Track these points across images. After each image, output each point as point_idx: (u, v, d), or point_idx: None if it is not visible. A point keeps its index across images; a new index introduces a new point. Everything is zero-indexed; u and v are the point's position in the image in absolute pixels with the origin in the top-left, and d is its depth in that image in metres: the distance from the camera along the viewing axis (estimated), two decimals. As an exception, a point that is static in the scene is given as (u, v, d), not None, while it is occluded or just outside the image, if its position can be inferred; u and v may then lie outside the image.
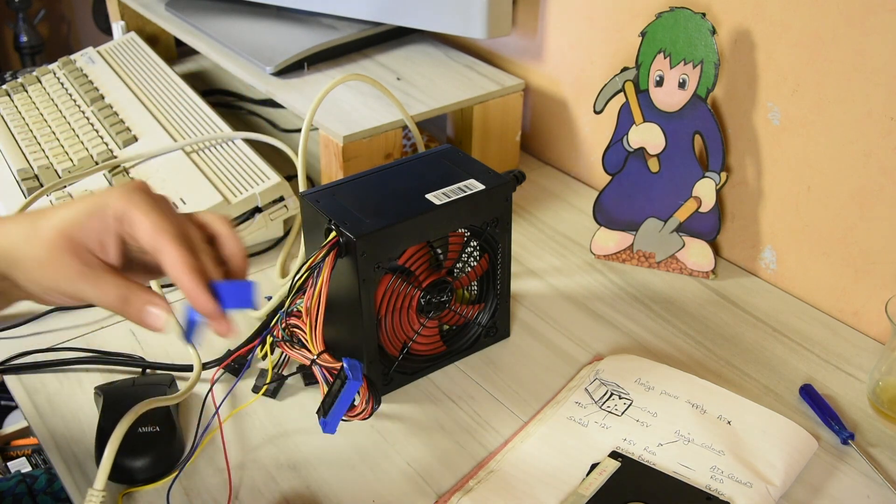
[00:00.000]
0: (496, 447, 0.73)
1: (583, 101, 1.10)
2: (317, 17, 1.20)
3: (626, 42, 1.00)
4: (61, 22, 2.63)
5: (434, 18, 1.08)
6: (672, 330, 0.87)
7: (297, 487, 0.70)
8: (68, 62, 1.25)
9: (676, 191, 0.93)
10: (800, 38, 0.84)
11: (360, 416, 0.67)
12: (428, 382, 0.81)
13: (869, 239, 0.84)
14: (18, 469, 1.27)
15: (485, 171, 0.79)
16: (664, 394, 0.77)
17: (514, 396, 0.79)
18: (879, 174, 0.81)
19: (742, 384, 0.80)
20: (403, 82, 1.09)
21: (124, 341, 0.85)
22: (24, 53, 2.42)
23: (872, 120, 0.80)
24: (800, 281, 0.92)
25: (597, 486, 0.68)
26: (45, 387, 0.80)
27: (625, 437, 0.73)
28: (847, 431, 0.74)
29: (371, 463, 0.72)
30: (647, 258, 0.96)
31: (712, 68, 0.87)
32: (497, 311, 0.83)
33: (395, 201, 0.75)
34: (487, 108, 1.07)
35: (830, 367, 0.83)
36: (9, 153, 1.06)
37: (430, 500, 0.69)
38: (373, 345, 0.75)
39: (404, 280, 0.76)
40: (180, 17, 1.27)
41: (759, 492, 0.67)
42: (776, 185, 0.91)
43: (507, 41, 1.17)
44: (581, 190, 1.11)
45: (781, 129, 0.88)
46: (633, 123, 0.92)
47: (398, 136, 1.00)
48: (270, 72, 1.10)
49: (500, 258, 0.81)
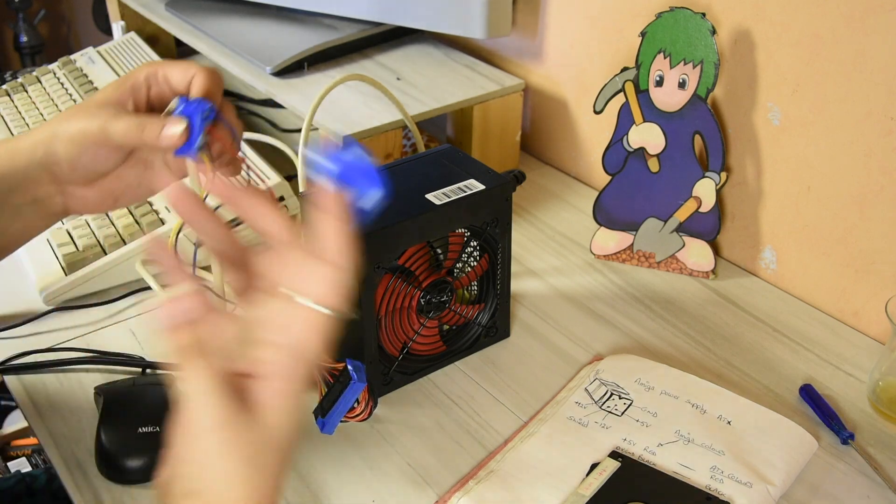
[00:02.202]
0: (496, 447, 0.73)
1: (583, 101, 1.10)
2: (317, 17, 1.20)
3: (626, 42, 1.00)
4: (61, 22, 2.63)
5: (434, 18, 1.08)
6: (672, 330, 0.87)
7: (297, 487, 0.70)
8: (68, 62, 1.25)
9: (676, 191, 0.93)
10: (800, 38, 0.84)
11: (358, 418, 0.67)
12: (428, 382, 0.81)
13: (869, 239, 0.84)
14: (18, 469, 1.27)
15: (485, 171, 0.79)
16: (664, 394, 0.77)
17: (514, 396, 0.79)
18: (879, 174, 0.81)
19: (742, 384, 0.80)
20: (403, 82, 1.09)
21: (124, 341, 0.85)
22: (24, 53, 2.42)
23: (872, 120, 0.80)
24: (800, 281, 0.92)
25: (597, 486, 0.68)
26: (45, 387, 0.80)
27: (625, 437, 0.73)
28: (847, 431, 0.74)
29: (371, 463, 0.72)
30: (647, 258, 0.96)
31: (712, 68, 0.87)
32: (497, 311, 0.83)
33: (394, 201, 0.75)
34: (487, 108, 1.07)
35: (830, 367, 0.83)
36: (9, 153, 1.06)
37: (430, 501, 0.69)
38: (373, 345, 0.75)
39: (404, 280, 0.76)
40: (180, 17, 1.27)
41: (759, 492, 0.67)
42: (776, 185, 0.91)
43: (507, 41, 1.17)
44: (581, 190, 1.11)
45: (781, 129, 0.88)
46: (633, 123, 0.92)
47: (398, 136, 1.00)
48: (270, 72, 1.10)
49: (500, 258, 0.81)
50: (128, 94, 0.64)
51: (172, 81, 0.64)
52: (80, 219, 0.95)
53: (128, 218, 0.94)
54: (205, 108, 0.61)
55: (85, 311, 0.89)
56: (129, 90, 0.64)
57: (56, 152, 0.63)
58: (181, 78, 0.64)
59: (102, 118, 0.62)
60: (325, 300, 0.47)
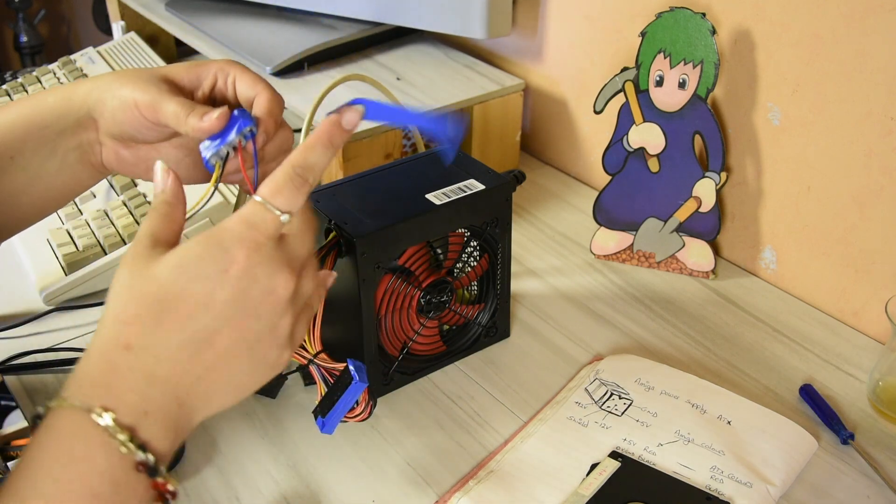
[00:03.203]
0: (496, 447, 0.73)
1: (583, 101, 1.10)
2: (317, 17, 1.20)
3: (626, 42, 1.00)
4: (61, 22, 2.63)
5: (434, 18, 1.08)
6: (672, 330, 0.87)
7: (297, 487, 0.70)
8: (68, 62, 1.25)
9: (676, 191, 0.93)
10: (800, 38, 0.84)
11: (358, 418, 0.67)
12: (428, 382, 0.81)
13: (869, 239, 0.84)
14: (18, 469, 1.26)
15: (485, 171, 0.79)
16: (664, 394, 0.77)
17: (514, 396, 0.79)
18: (879, 174, 0.81)
19: (742, 384, 0.80)
20: (403, 82, 1.09)
21: (124, 341, 0.85)
22: (24, 53, 2.42)
23: (872, 120, 0.80)
24: (800, 281, 0.92)
25: (597, 486, 0.68)
26: (45, 387, 0.80)
27: (625, 437, 0.73)
28: (847, 431, 0.74)
29: (371, 463, 0.72)
30: (647, 258, 0.96)
31: (712, 68, 0.87)
32: (497, 311, 0.83)
33: (395, 201, 0.75)
34: (487, 108, 1.07)
35: (830, 367, 0.83)
36: (9, 153, 1.06)
37: (430, 500, 0.69)
38: (373, 345, 0.75)
39: (404, 280, 0.76)
40: (180, 17, 1.27)
41: (759, 492, 0.67)
42: (776, 185, 0.91)
43: (507, 41, 1.17)
44: (581, 190, 1.11)
45: (781, 129, 0.88)
46: (633, 123, 0.92)
47: (398, 136, 1.00)
48: (270, 72, 1.10)
49: (500, 258, 0.81)
50: (193, 79, 0.65)
51: (239, 87, 0.64)
52: (80, 218, 0.95)
53: (128, 218, 0.94)
54: (247, 125, 0.60)
55: (85, 311, 0.89)
56: (195, 77, 0.65)
57: (104, 105, 0.64)
58: (248, 87, 0.63)
59: (157, 93, 0.62)
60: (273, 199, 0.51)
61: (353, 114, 0.55)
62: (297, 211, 0.52)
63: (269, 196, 0.51)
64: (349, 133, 0.55)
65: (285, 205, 0.51)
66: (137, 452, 0.46)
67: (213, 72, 0.65)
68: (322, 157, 0.53)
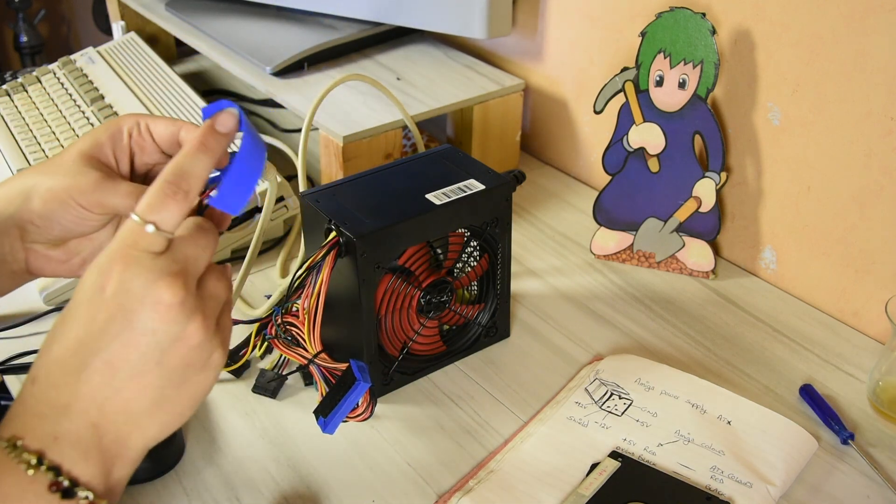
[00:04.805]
0: (496, 447, 0.73)
1: (583, 101, 1.10)
2: (317, 17, 1.20)
3: (626, 42, 1.00)
4: (61, 22, 2.63)
5: (434, 18, 1.08)
6: (672, 330, 0.87)
7: (297, 487, 0.70)
8: (68, 62, 1.25)
9: (676, 191, 0.93)
10: (800, 38, 0.84)
11: (359, 418, 0.67)
12: (428, 382, 0.81)
13: (869, 239, 0.84)
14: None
15: (485, 171, 0.79)
16: (664, 394, 0.77)
17: (514, 396, 0.79)
18: (879, 174, 0.81)
19: (742, 384, 0.80)
20: (403, 82, 1.09)
21: (124, 341, 0.85)
22: (24, 53, 2.42)
23: (872, 120, 0.80)
24: (800, 281, 0.92)
25: (597, 486, 0.68)
26: (45, 387, 0.80)
27: (625, 437, 0.73)
28: (847, 431, 0.74)
29: (371, 463, 0.72)
30: (647, 258, 0.96)
31: (712, 68, 0.87)
32: (497, 311, 0.83)
33: (395, 201, 0.75)
34: (487, 108, 1.07)
35: (830, 367, 0.83)
36: (9, 153, 1.06)
37: (430, 500, 0.69)
38: (373, 345, 0.75)
39: (404, 280, 0.76)
40: (180, 17, 1.27)
41: (759, 492, 0.67)
42: (776, 185, 0.91)
43: (507, 41, 1.17)
44: (581, 190, 1.11)
45: (781, 129, 0.88)
46: (633, 123, 0.92)
47: (398, 136, 1.00)
48: (270, 72, 1.10)
49: (500, 258, 0.81)
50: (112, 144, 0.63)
51: (157, 129, 0.62)
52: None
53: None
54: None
55: (85, 311, 0.89)
56: (112, 141, 0.63)
57: (31, 208, 0.61)
58: (166, 125, 0.62)
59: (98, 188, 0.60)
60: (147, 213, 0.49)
61: (228, 116, 0.54)
62: (176, 219, 0.50)
63: (143, 211, 0.49)
64: (225, 136, 0.53)
65: (159, 216, 0.49)
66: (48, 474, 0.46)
67: (125, 128, 0.63)
68: (197, 163, 0.51)
